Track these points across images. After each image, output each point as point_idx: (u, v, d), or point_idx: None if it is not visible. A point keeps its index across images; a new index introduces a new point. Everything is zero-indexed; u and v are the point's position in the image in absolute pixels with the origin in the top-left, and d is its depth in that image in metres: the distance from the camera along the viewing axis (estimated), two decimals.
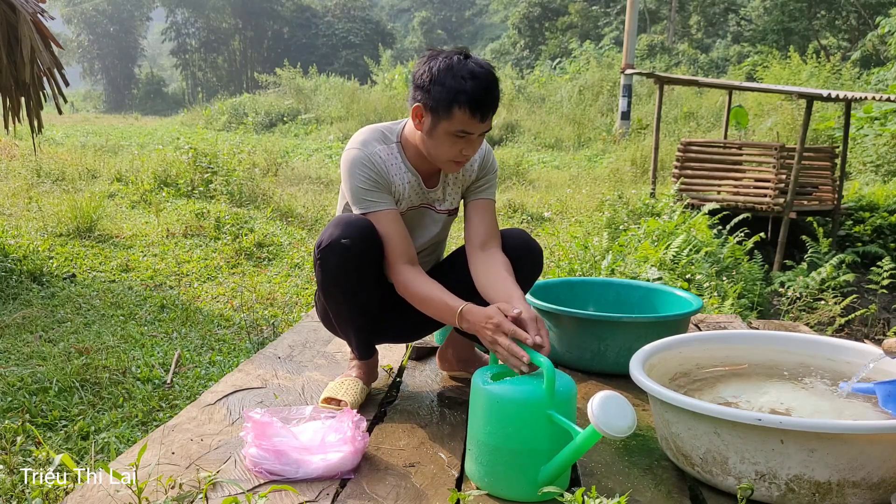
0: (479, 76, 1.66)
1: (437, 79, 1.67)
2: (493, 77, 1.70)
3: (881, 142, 9.66)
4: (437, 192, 1.92)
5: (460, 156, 1.75)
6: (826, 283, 4.68)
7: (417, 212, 1.92)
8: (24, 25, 4.11)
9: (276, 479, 1.49)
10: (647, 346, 1.82)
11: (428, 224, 1.95)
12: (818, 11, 22.42)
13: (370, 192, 1.78)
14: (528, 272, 1.95)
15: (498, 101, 1.72)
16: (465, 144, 1.73)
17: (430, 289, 1.72)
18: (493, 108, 1.70)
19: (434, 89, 1.68)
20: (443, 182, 1.92)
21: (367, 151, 1.80)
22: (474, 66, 1.68)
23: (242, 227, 5.73)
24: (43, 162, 8.39)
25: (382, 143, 1.83)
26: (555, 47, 28.29)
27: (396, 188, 1.83)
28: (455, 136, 1.71)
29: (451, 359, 2.16)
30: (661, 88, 7.24)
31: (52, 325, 3.50)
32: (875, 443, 1.36)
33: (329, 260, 1.76)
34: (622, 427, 1.29)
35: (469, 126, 1.69)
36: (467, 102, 1.65)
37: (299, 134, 17.48)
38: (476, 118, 1.68)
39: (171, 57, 45.35)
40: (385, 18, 44.95)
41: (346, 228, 1.74)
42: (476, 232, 1.89)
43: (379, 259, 1.81)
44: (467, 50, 1.74)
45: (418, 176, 1.87)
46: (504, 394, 1.45)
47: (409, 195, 1.87)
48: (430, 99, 1.69)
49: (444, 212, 1.96)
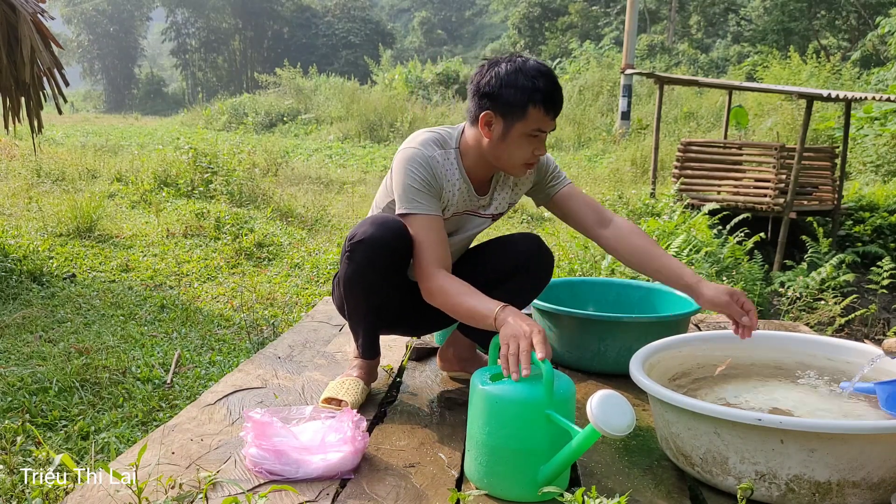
0: (546, 73, 1.70)
1: (508, 81, 1.68)
2: (554, 74, 1.73)
3: (881, 142, 9.65)
4: (484, 199, 1.92)
5: (532, 157, 1.76)
6: (826, 283, 4.68)
7: (462, 217, 1.92)
8: (24, 25, 4.11)
9: (276, 479, 1.49)
10: (647, 346, 1.82)
11: (469, 227, 1.96)
12: (818, 11, 22.42)
13: (420, 193, 1.76)
14: (537, 278, 1.95)
15: (563, 98, 1.74)
16: (537, 144, 1.74)
17: (464, 290, 1.68)
18: (561, 104, 1.73)
19: (505, 92, 1.68)
20: (492, 190, 1.93)
21: (427, 153, 1.79)
22: (538, 64, 1.71)
23: (242, 227, 5.73)
24: (43, 162, 8.39)
25: (441, 147, 1.82)
26: (555, 47, 28.29)
27: (446, 194, 1.83)
28: (529, 137, 1.72)
29: (451, 359, 2.16)
30: (661, 88, 7.24)
31: (52, 325, 3.50)
32: (875, 443, 1.36)
33: (357, 255, 1.77)
34: (621, 426, 1.29)
35: (543, 124, 1.71)
36: (541, 100, 1.67)
37: (299, 134, 17.48)
38: (550, 115, 1.70)
39: (171, 57, 45.37)
40: (385, 18, 44.94)
41: (382, 230, 1.75)
42: (584, 216, 1.92)
43: (404, 266, 1.81)
44: (521, 53, 1.76)
45: (470, 184, 1.86)
46: (503, 394, 1.45)
47: (457, 202, 1.86)
48: (502, 103, 1.70)
49: (488, 216, 1.96)
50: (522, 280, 1.93)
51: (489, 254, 2.00)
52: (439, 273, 1.72)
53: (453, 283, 1.70)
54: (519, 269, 1.92)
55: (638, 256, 1.85)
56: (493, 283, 1.91)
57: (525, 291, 1.96)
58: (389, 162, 12.24)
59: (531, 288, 1.97)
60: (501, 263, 1.94)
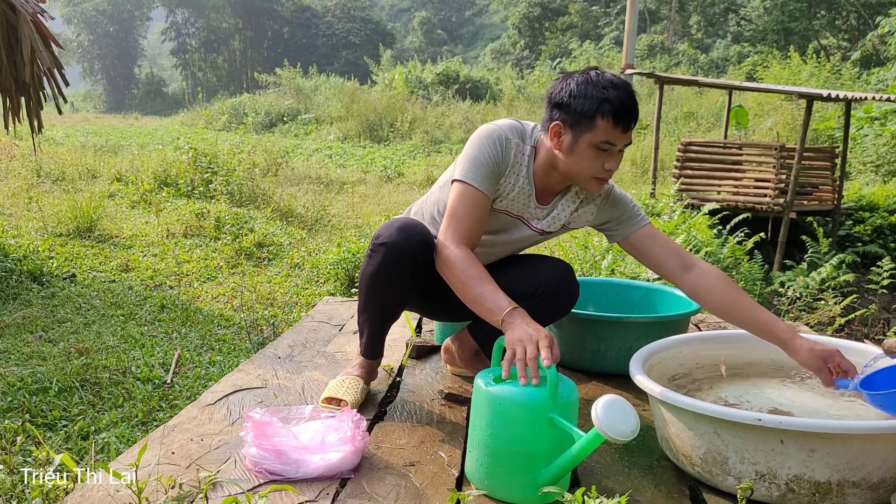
0: (619, 86, 1.66)
1: (578, 92, 1.66)
2: (631, 88, 1.69)
3: (881, 142, 9.65)
4: (542, 210, 1.87)
5: (602, 171, 1.71)
6: (826, 283, 4.68)
7: (512, 220, 1.87)
8: (24, 25, 4.11)
9: (276, 479, 1.49)
10: (647, 346, 1.82)
11: (513, 233, 1.90)
12: (818, 11, 22.42)
13: (483, 167, 1.73)
14: (553, 308, 1.92)
15: (638, 112, 1.69)
16: (607, 158, 1.69)
17: (482, 275, 1.63)
18: (634, 119, 1.68)
19: (575, 103, 1.66)
20: (554, 203, 1.88)
21: (508, 136, 1.77)
22: (612, 77, 1.68)
23: (242, 227, 5.73)
24: (43, 162, 8.40)
25: (520, 138, 1.80)
26: (555, 47, 28.29)
27: (506, 184, 1.79)
28: (598, 149, 1.68)
29: (456, 355, 2.15)
30: (661, 88, 7.24)
31: (52, 325, 3.50)
32: (875, 443, 1.36)
33: (377, 257, 1.77)
34: (626, 431, 1.28)
35: (612, 136, 1.66)
36: (611, 112, 1.64)
37: (299, 134, 17.48)
38: (619, 128, 1.65)
39: (171, 57, 45.37)
40: (385, 18, 44.95)
41: (405, 238, 1.74)
42: (665, 259, 1.86)
43: (422, 275, 1.79)
44: (599, 68, 1.73)
45: (533, 187, 1.82)
46: (506, 396, 1.44)
47: (513, 199, 1.81)
48: (571, 113, 1.68)
49: (538, 230, 1.89)
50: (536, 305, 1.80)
51: (511, 268, 1.95)
52: (462, 248, 1.68)
53: (472, 262, 1.66)
54: (536, 294, 1.87)
55: (726, 307, 1.77)
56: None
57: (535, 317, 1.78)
58: (389, 162, 12.25)
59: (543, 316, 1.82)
60: (521, 282, 1.88)
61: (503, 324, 1.55)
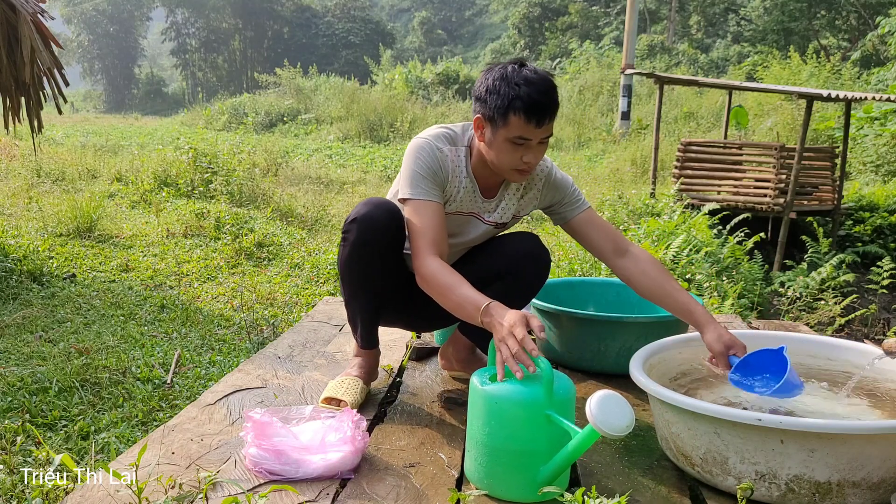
0: (533, 82, 1.68)
1: (493, 87, 1.70)
2: (549, 83, 1.71)
3: (881, 142, 9.65)
4: (490, 204, 1.93)
5: (521, 163, 1.75)
6: (826, 283, 4.68)
7: (465, 218, 1.93)
8: (24, 25, 4.11)
9: (276, 479, 1.49)
10: (647, 346, 1.82)
11: (471, 231, 1.96)
12: (818, 11, 22.42)
13: (424, 179, 1.79)
14: (530, 279, 1.95)
15: (554, 106, 1.71)
16: (524, 151, 1.73)
17: (456, 280, 1.69)
18: (548, 113, 1.70)
19: (490, 98, 1.70)
20: (500, 195, 1.93)
21: (436, 145, 1.82)
22: (528, 73, 1.70)
23: (242, 227, 5.73)
24: (43, 162, 8.39)
25: (451, 144, 1.86)
26: (555, 47, 28.30)
27: (451, 188, 1.85)
28: (514, 144, 1.72)
29: (451, 358, 2.16)
30: (661, 88, 7.24)
31: (52, 325, 3.50)
32: (875, 443, 1.36)
33: (352, 235, 1.81)
34: (620, 426, 1.29)
35: (525, 132, 1.70)
36: (522, 109, 1.67)
37: (299, 134, 17.48)
38: (532, 123, 1.68)
39: (171, 57, 45.37)
40: (385, 18, 44.95)
41: (375, 210, 1.79)
42: (600, 244, 1.93)
43: (399, 246, 1.83)
44: (524, 60, 1.77)
45: (476, 184, 1.88)
46: (502, 394, 1.44)
47: (461, 199, 1.88)
48: (488, 109, 1.72)
49: (491, 223, 1.96)
50: (513, 282, 1.92)
51: (483, 252, 2.01)
52: (433, 259, 1.73)
53: (445, 271, 1.71)
54: (510, 270, 1.92)
55: (655, 292, 1.87)
56: (485, 280, 1.91)
57: (516, 294, 1.94)
58: (389, 162, 12.25)
59: (522, 291, 1.96)
60: (494, 263, 1.94)
61: (484, 325, 1.59)
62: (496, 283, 1.92)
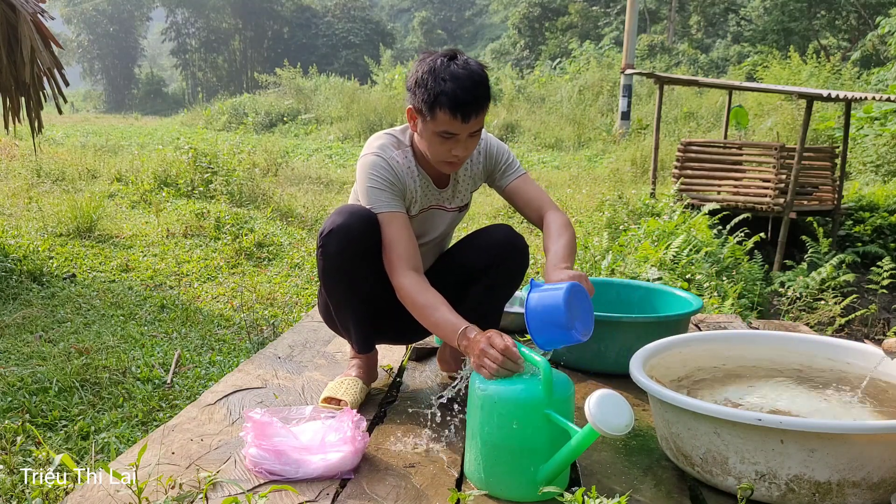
0: (459, 77, 1.66)
1: (421, 81, 1.70)
2: (477, 77, 1.69)
3: (881, 142, 9.65)
4: (447, 192, 1.95)
5: (450, 156, 1.75)
6: (826, 283, 4.68)
7: (428, 213, 1.94)
8: (24, 25, 4.11)
9: (276, 479, 1.49)
10: (647, 347, 1.82)
11: (438, 223, 1.98)
12: (818, 11, 22.42)
13: (384, 192, 1.79)
14: (512, 268, 1.95)
15: (481, 101, 1.69)
16: (453, 145, 1.73)
17: (433, 301, 1.70)
18: (475, 109, 1.69)
19: (419, 91, 1.71)
20: (453, 182, 1.95)
21: (385, 156, 1.82)
22: (456, 67, 1.68)
23: (242, 227, 5.73)
24: (43, 162, 8.39)
25: (397, 147, 1.86)
26: (555, 47, 28.28)
27: (410, 192, 1.86)
28: (441, 137, 1.72)
29: (449, 359, 2.16)
30: (661, 88, 7.24)
31: (52, 325, 3.50)
32: (875, 443, 1.36)
33: (330, 246, 1.78)
34: (619, 425, 1.29)
35: (452, 127, 1.69)
36: (447, 104, 1.66)
37: (299, 134, 17.48)
38: (457, 119, 1.68)
39: (171, 57, 45.36)
40: (385, 18, 44.94)
41: (349, 219, 1.78)
42: (530, 209, 1.95)
43: (379, 250, 1.82)
44: (457, 51, 1.74)
45: (428, 178, 1.89)
46: (501, 393, 1.45)
47: (420, 197, 1.89)
48: (417, 101, 1.72)
49: (454, 209, 1.99)
50: (497, 275, 1.93)
51: (461, 251, 2.01)
52: (408, 273, 1.74)
53: (421, 289, 1.72)
54: (491, 263, 1.92)
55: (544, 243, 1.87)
56: (468, 280, 1.92)
57: (502, 286, 1.96)
58: None
59: (507, 281, 1.96)
60: (474, 259, 1.95)
61: (461, 348, 1.60)
62: (481, 278, 1.92)
